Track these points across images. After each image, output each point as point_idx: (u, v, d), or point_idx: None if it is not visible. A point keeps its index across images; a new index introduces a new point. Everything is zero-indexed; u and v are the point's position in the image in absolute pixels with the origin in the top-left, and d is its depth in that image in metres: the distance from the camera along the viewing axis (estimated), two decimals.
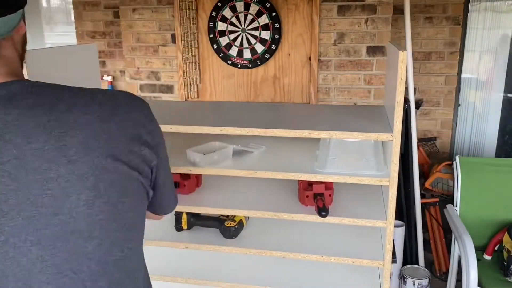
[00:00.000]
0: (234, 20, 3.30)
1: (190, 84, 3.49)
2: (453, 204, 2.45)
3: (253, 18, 3.26)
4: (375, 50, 3.17)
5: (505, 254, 2.19)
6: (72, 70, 1.72)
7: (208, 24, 3.34)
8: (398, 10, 3.13)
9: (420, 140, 3.26)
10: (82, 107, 0.75)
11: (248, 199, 1.70)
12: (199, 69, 3.47)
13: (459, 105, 3.40)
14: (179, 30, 3.37)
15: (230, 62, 3.39)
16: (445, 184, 2.97)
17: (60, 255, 0.73)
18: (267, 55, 3.31)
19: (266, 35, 3.27)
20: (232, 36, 3.33)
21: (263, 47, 3.30)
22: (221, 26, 3.32)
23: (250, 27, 3.29)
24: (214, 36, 3.35)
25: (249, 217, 1.82)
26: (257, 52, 3.32)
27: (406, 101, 2.72)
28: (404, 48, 1.42)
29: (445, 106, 3.40)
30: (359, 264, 1.60)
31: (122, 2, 3.45)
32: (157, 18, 3.43)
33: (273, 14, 3.22)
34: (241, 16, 3.28)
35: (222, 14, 3.30)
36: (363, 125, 1.54)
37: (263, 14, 3.23)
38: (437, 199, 2.92)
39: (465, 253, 2.09)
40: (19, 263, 0.71)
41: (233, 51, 3.36)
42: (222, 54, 3.38)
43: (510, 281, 2.13)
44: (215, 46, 3.37)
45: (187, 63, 3.44)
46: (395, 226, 2.34)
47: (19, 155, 0.70)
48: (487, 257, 2.31)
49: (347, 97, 3.30)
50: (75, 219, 0.72)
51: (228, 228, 1.70)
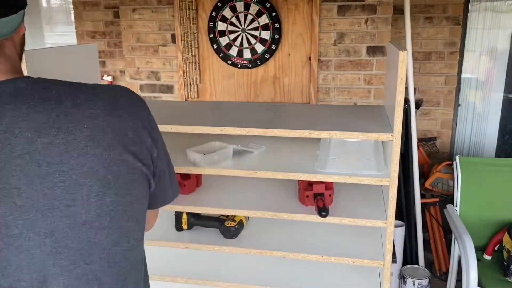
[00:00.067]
0: (234, 20, 3.30)
1: (190, 84, 3.49)
2: (453, 204, 2.45)
3: (253, 18, 3.26)
4: (375, 50, 3.17)
5: (505, 254, 2.19)
6: (72, 70, 1.72)
7: (208, 24, 3.34)
8: (398, 10, 3.13)
9: (420, 140, 3.26)
10: (87, 102, 0.77)
11: (248, 199, 1.70)
12: (199, 69, 3.47)
13: (459, 105, 3.39)
14: (179, 30, 3.37)
15: (230, 62, 3.39)
16: (445, 184, 2.97)
17: (73, 246, 0.74)
18: (267, 55, 3.31)
19: (266, 35, 3.27)
20: (232, 36, 3.33)
21: (263, 47, 3.30)
22: (221, 26, 3.32)
23: (250, 27, 3.29)
24: (214, 36, 3.35)
25: (249, 217, 1.82)
26: (257, 52, 3.32)
27: (406, 101, 2.72)
28: (404, 48, 1.42)
29: (445, 106, 3.40)
30: (359, 264, 1.60)
31: (122, 2, 3.44)
32: (157, 18, 3.43)
33: (273, 14, 3.22)
34: (241, 16, 3.28)
35: (222, 14, 3.30)
36: (363, 125, 1.54)
37: (263, 14, 3.23)
38: (437, 199, 2.92)
39: (465, 253, 2.09)
40: (33, 255, 0.72)
41: (233, 51, 3.36)
42: (222, 54, 3.38)
43: (510, 281, 2.13)
44: (215, 46, 3.37)
45: (187, 63, 3.44)
46: (395, 226, 2.34)
47: (30, 149, 0.71)
48: (487, 257, 2.31)
49: (347, 97, 3.29)
50: (87, 211, 0.74)
51: (228, 228, 1.70)
